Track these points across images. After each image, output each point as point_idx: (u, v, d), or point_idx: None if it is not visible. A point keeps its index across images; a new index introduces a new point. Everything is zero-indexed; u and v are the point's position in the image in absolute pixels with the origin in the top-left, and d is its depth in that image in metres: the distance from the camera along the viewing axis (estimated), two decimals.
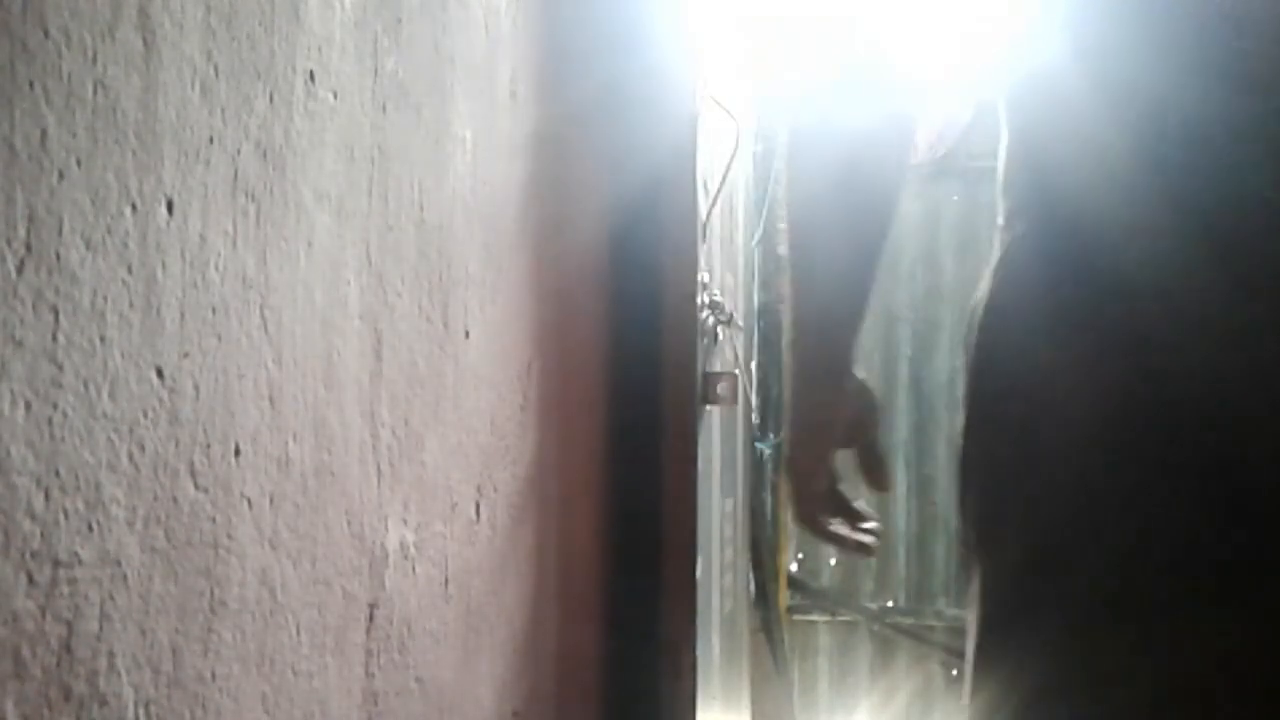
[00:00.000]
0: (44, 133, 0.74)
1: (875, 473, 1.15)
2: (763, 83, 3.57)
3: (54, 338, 0.76)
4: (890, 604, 4.34)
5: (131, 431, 0.83)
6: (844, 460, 1.14)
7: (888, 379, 4.14)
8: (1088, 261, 0.98)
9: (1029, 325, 1.01)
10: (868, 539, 1.16)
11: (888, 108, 1.11)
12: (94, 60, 0.79)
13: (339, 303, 1.15)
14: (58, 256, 0.76)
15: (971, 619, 1.04)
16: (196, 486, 0.91)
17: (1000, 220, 1.07)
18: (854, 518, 1.16)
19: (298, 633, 1.07)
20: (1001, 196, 1.07)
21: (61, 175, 0.76)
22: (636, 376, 2.03)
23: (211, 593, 0.93)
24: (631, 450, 2.02)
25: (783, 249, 1.12)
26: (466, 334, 1.49)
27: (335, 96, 1.13)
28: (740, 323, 3.16)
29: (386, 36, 1.24)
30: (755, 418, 4.08)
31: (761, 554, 4.08)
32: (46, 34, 0.74)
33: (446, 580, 1.42)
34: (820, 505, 1.14)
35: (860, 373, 1.14)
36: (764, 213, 4.09)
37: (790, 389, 1.15)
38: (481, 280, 1.54)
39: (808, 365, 1.12)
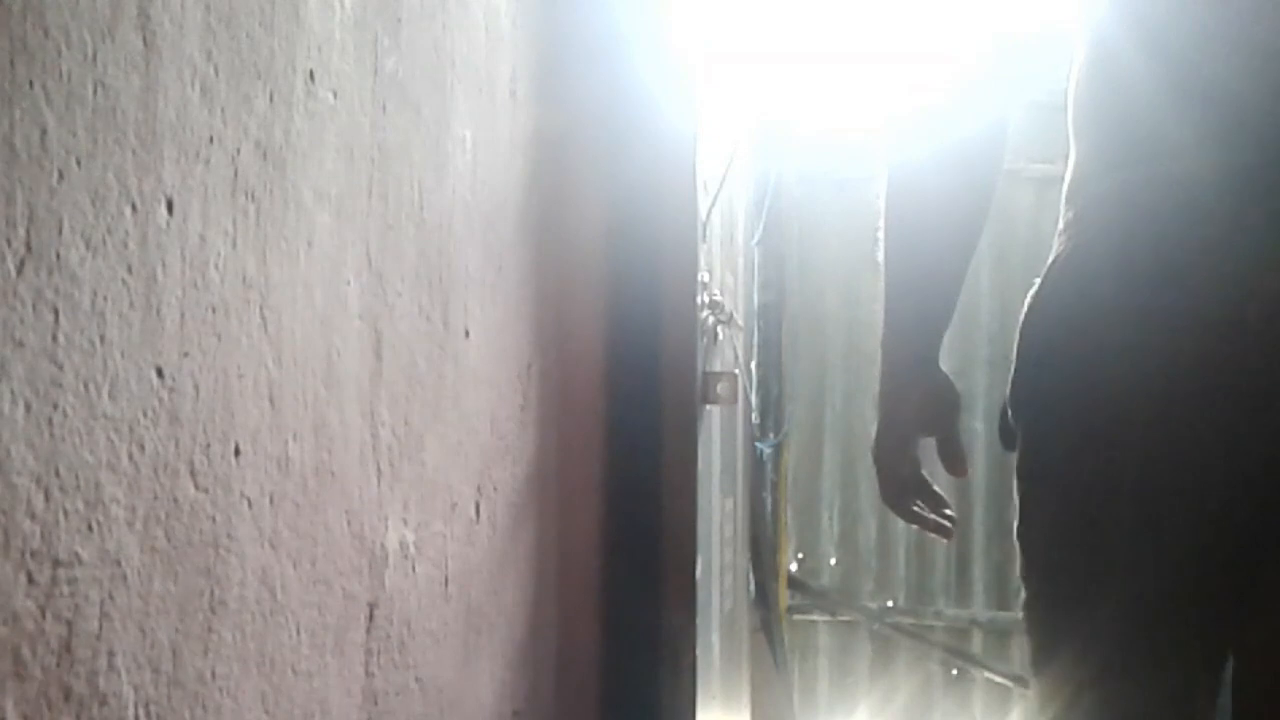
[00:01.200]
0: (44, 133, 0.74)
1: (954, 460, 1.23)
2: (763, 82, 3.57)
3: (54, 338, 0.76)
4: (890, 604, 4.34)
5: (131, 431, 0.83)
6: (925, 448, 1.24)
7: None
8: (1151, 279, 1.02)
9: (1092, 325, 1.05)
10: (946, 522, 1.25)
11: (981, 120, 1.18)
12: (94, 60, 0.79)
13: (339, 303, 1.15)
14: (58, 256, 0.76)
15: (1020, 564, 1.12)
16: (196, 486, 0.91)
17: (1060, 225, 1.12)
18: (934, 502, 1.25)
19: (298, 633, 1.07)
20: (1065, 204, 1.12)
21: (61, 175, 0.76)
22: (636, 376, 2.03)
23: (211, 593, 0.93)
24: (631, 450, 2.02)
25: (879, 255, 1.21)
26: (466, 334, 1.49)
27: (335, 96, 1.13)
28: (740, 323, 3.16)
29: (386, 36, 1.24)
30: (755, 418, 4.08)
31: (761, 554, 4.07)
32: (46, 34, 0.74)
33: (446, 580, 1.42)
34: (904, 488, 1.23)
35: (944, 368, 1.22)
36: (764, 213, 4.09)
37: (880, 382, 1.23)
38: (481, 280, 1.54)
39: (899, 362, 1.21)
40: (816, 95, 3.96)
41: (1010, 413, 1.13)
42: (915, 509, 1.24)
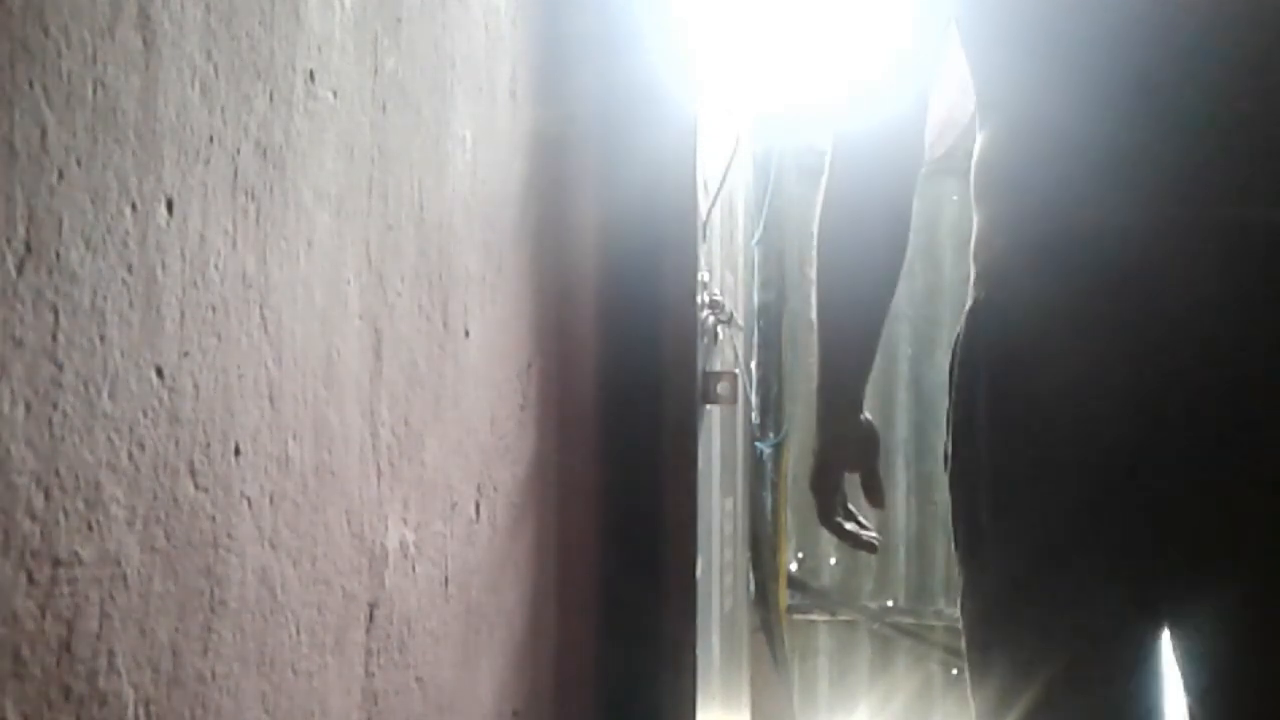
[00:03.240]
0: (44, 132, 0.74)
1: (874, 492, 1.43)
2: (762, 82, 3.57)
3: (54, 337, 0.76)
4: (890, 604, 4.34)
5: (131, 431, 0.83)
6: (849, 482, 1.45)
7: (888, 377, 4.12)
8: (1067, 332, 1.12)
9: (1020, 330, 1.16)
10: (873, 539, 1.48)
11: (901, 103, 1.30)
12: (94, 60, 0.79)
13: (339, 302, 1.15)
14: (58, 256, 0.76)
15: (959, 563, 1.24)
16: (196, 486, 0.91)
17: (971, 277, 1.23)
18: (858, 524, 1.47)
19: (298, 632, 1.07)
20: (973, 260, 1.23)
21: (61, 175, 0.76)
22: (636, 376, 2.03)
23: (211, 592, 0.93)
24: (631, 450, 2.02)
25: (813, 313, 1.36)
26: (466, 333, 1.49)
27: (335, 96, 1.13)
28: (740, 322, 3.16)
29: (386, 36, 1.24)
30: (755, 417, 4.08)
31: (761, 554, 4.08)
32: (46, 33, 0.74)
33: (446, 580, 1.42)
34: (835, 513, 1.44)
35: (866, 413, 1.42)
36: (764, 213, 4.09)
37: (816, 425, 1.42)
38: (481, 280, 1.54)
39: (832, 409, 1.40)
40: (816, 93, 3.96)
41: (949, 439, 1.25)
42: (846, 529, 1.44)
